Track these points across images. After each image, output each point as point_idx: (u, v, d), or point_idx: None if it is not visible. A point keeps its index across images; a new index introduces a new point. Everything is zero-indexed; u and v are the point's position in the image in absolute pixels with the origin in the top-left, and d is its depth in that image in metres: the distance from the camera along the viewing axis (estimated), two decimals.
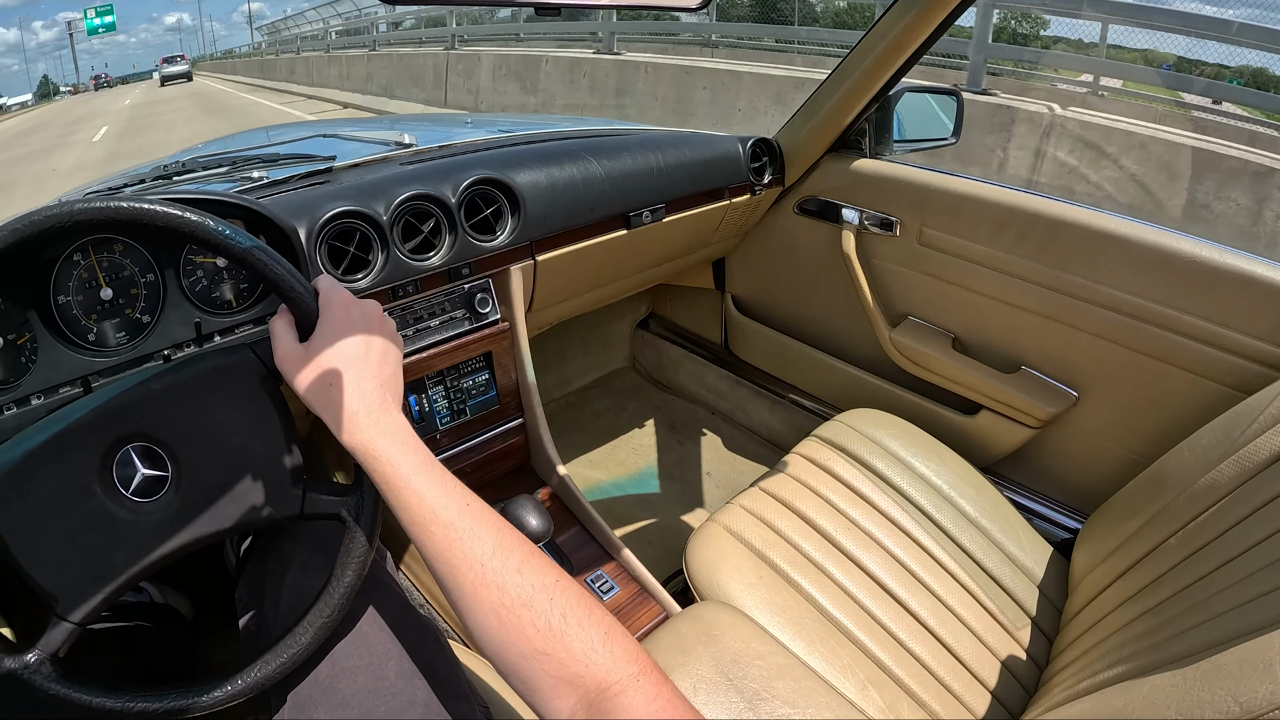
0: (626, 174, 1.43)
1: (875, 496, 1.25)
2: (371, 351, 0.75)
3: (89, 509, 0.74)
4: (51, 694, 0.73)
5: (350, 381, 0.72)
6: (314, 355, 0.74)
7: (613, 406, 2.13)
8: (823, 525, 1.21)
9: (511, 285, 1.30)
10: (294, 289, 0.76)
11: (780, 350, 1.86)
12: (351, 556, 0.80)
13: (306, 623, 0.79)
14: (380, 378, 0.74)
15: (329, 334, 0.74)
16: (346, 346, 0.74)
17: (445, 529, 0.64)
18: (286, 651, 0.78)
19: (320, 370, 0.73)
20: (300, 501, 0.79)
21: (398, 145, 1.42)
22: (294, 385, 0.75)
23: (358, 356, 0.74)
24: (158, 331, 1.01)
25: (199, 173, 1.32)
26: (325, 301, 0.77)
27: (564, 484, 1.39)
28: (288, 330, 0.76)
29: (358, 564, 0.80)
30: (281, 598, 0.89)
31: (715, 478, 1.88)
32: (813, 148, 1.67)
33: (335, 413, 0.71)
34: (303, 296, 0.76)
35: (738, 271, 1.91)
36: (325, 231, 1.10)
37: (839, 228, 1.65)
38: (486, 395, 1.35)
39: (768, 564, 1.16)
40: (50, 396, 0.96)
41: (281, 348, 0.76)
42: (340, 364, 0.73)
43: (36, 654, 0.73)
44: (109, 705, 0.74)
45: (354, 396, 0.71)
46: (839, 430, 1.37)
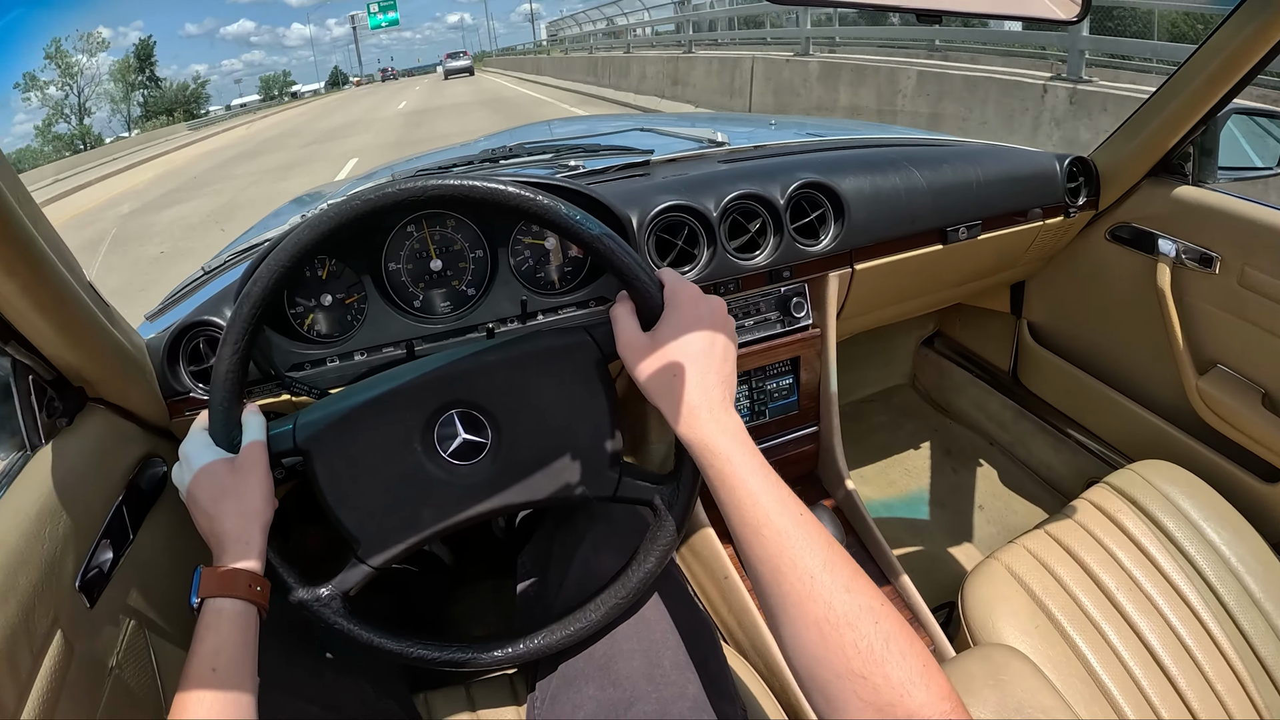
0: (947, 186, 1.36)
1: (1160, 558, 1.16)
2: (715, 347, 0.75)
3: (407, 464, 0.79)
4: (336, 629, 0.78)
5: (694, 375, 0.72)
6: (659, 345, 0.75)
7: (889, 423, 2.07)
8: (1104, 580, 1.14)
9: (828, 292, 1.28)
10: (640, 279, 0.77)
11: (1073, 385, 1.71)
12: (657, 544, 0.81)
13: (600, 600, 0.81)
14: (721, 374, 0.74)
15: (676, 326, 0.75)
16: (692, 340, 0.74)
17: (778, 535, 0.63)
18: (574, 624, 0.80)
19: (665, 361, 0.74)
20: (615, 484, 0.81)
21: (710, 143, 1.45)
22: (634, 372, 0.76)
23: (702, 351, 0.74)
24: (484, 305, 1.08)
25: (523, 158, 1.41)
26: (672, 294, 0.77)
27: (850, 498, 1.36)
28: (630, 318, 0.78)
29: (662, 552, 0.81)
30: (569, 572, 0.91)
31: (987, 512, 1.77)
32: (1132, 170, 1.51)
33: (675, 404, 0.72)
34: (648, 287, 0.77)
35: (1037, 297, 1.77)
36: (655, 223, 1.13)
37: (1153, 259, 1.48)
38: (788, 399, 1.34)
39: (1044, 612, 1.11)
40: (374, 355, 1.05)
41: (625, 334, 0.77)
42: (685, 357, 0.73)
43: (330, 589, 0.79)
44: (389, 647, 0.79)
45: (696, 391, 0.72)
46: (1132, 481, 1.26)
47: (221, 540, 0.74)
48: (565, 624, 0.81)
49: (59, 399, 0.91)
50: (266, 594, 0.74)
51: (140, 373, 0.99)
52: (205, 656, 0.67)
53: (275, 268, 0.76)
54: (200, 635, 0.69)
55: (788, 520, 0.63)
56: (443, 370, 0.82)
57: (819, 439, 1.38)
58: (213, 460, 0.77)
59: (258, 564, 0.74)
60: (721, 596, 1.28)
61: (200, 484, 0.76)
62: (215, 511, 0.75)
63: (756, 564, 0.64)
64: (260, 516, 0.76)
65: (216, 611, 0.70)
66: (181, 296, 1.23)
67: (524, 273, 1.09)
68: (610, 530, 0.94)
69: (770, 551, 0.62)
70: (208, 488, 0.75)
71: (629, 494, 0.82)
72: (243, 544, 0.74)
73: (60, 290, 0.77)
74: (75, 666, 0.78)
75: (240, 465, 0.77)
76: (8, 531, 0.76)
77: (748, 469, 0.67)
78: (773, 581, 0.62)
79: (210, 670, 0.66)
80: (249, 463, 0.77)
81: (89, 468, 0.91)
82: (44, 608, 0.75)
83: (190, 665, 0.67)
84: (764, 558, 0.63)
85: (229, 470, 0.76)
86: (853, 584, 0.59)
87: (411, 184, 0.76)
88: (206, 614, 0.70)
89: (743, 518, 0.65)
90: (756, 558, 0.64)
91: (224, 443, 0.78)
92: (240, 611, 0.71)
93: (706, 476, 0.70)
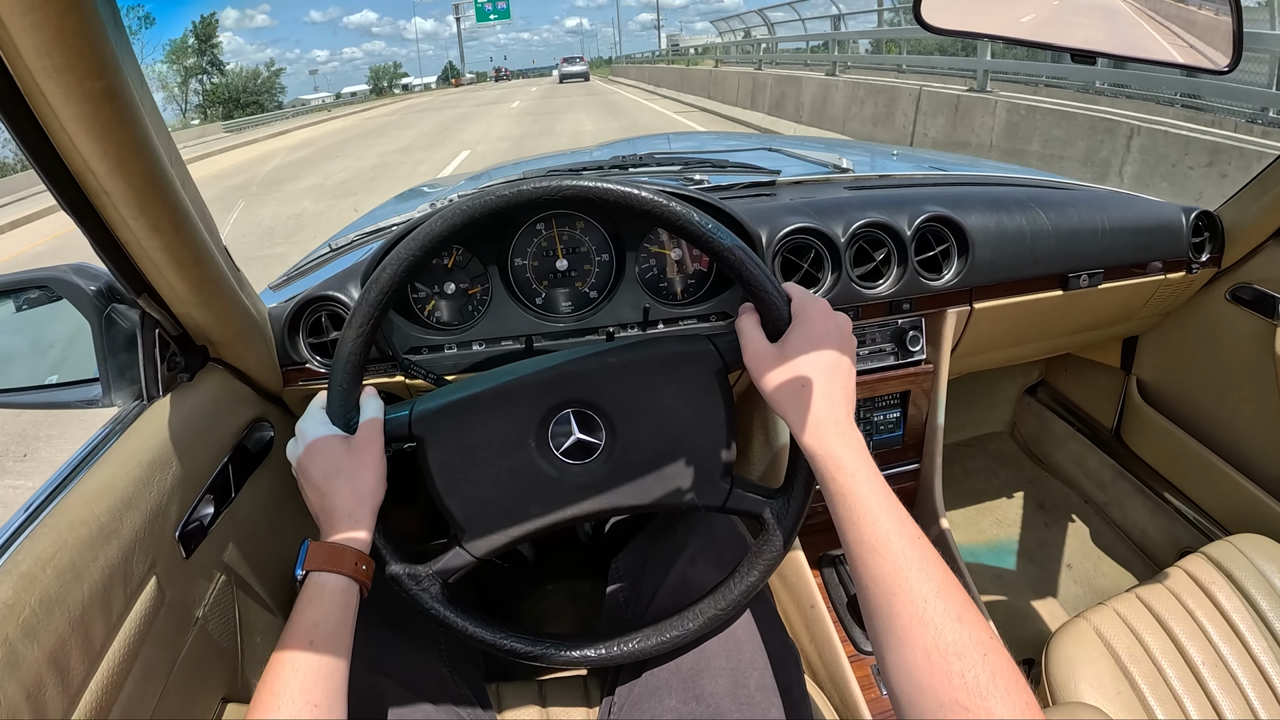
0: (1072, 231, 1.33)
1: (1251, 638, 1.12)
2: (842, 363, 0.75)
3: (520, 458, 0.79)
4: (433, 613, 0.78)
5: (821, 388, 0.72)
6: (788, 358, 0.74)
7: (984, 469, 2.03)
8: (1191, 653, 1.11)
9: (945, 328, 1.26)
10: (769, 291, 0.76)
11: (1178, 449, 1.65)
12: (762, 557, 0.79)
13: (699, 609, 0.79)
14: (846, 390, 0.74)
15: (805, 339, 0.75)
16: (821, 355, 0.74)
17: (894, 556, 0.63)
18: (670, 632, 0.79)
19: (794, 373, 0.74)
20: (726, 495, 0.80)
21: (836, 168, 1.43)
22: (760, 382, 0.76)
23: (830, 366, 0.74)
24: (605, 308, 1.08)
25: (651, 167, 1.41)
26: (801, 308, 0.77)
27: (944, 538, 1.32)
28: (757, 329, 0.78)
29: (766, 566, 0.79)
30: (664, 581, 0.90)
31: (1075, 572, 1.71)
32: (1259, 228, 1.45)
33: (802, 415, 0.72)
34: (776, 299, 0.76)
35: (1150, 353, 1.71)
36: (783, 244, 1.12)
37: (1273, 324, 1.42)
38: (893, 433, 1.32)
39: (1127, 679, 1.09)
40: (492, 346, 1.06)
41: (753, 345, 0.77)
42: (813, 370, 0.73)
43: (431, 575, 0.79)
44: (483, 636, 0.79)
45: (823, 404, 0.72)
46: (1229, 554, 1.22)
47: (332, 516, 0.75)
48: (661, 630, 0.80)
49: (181, 355, 0.93)
50: (370, 574, 0.75)
51: (261, 338, 1.01)
52: (304, 628, 0.68)
53: (406, 256, 0.76)
54: (301, 607, 0.70)
55: (905, 543, 0.63)
56: (562, 368, 0.82)
57: (919, 477, 1.35)
58: (329, 438, 0.78)
59: (365, 543, 0.75)
60: (805, 625, 1.26)
61: (315, 460, 0.77)
62: (327, 489, 0.76)
63: (870, 583, 0.63)
64: (372, 497, 0.77)
65: (320, 585, 0.71)
66: (307, 270, 1.25)
67: (648, 281, 1.09)
68: (710, 544, 0.93)
69: (885, 572, 0.62)
70: (322, 464, 0.76)
71: (739, 505, 0.81)
72: (352, 522, 0.75)
73: (199, 251, 0.79)
74: (164, 612, 0.80)
75: (356, 445, 0.78)
76: (118, 475, 0.78)
77: (870, 487, 0.67)
78: (885, 603, 0.62)
79: (308, 642, 0.67)
80: (364, 443, 0.78)
81: (203, 424, 0.93)
82: (143, 553, 0.77)
83: (288, 634, 0.67)
84: (878, 577, 0.63)
85: (344, 449, 0.77)
86: (964, 615, 0.59)
87: (547, 182, 0.77)
88: (310, 587, 0.71)
89: (860, 535, 0.65)
90: (871, 577, 0.63)
91: (340, 422, 0.79)
92: (344, 588, 0.71)
93: (826, 490, 0.69)
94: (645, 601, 0.92)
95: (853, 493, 0.67)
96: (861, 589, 0.65)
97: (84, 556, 0.70)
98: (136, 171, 0.66)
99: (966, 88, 7.88)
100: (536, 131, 16.34)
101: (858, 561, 0.65)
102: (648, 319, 1.09)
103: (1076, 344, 1.71)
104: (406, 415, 0.81)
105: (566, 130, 15.96)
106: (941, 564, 0.63)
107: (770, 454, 1.30)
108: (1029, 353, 1.66)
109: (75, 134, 0.60)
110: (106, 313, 0.87)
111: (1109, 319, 1.55)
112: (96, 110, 0.59)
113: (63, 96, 0.57)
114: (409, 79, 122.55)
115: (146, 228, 0.71)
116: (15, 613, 0.62)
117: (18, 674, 0.60)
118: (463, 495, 0.79)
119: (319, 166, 13.58)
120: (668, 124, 14.94)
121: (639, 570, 0.97)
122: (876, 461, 1.31)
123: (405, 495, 0.81)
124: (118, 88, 0.59)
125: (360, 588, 0.73)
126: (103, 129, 0.61)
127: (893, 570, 0.62)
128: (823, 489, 0.71)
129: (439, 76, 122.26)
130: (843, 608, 1.26)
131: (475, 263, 1.06)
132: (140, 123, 0.63)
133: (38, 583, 0.65)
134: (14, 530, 0.69)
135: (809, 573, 1.26)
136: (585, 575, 1.57)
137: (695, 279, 1.11)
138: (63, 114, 0.58)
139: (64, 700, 0.64)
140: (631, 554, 1.01)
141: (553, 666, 0.83)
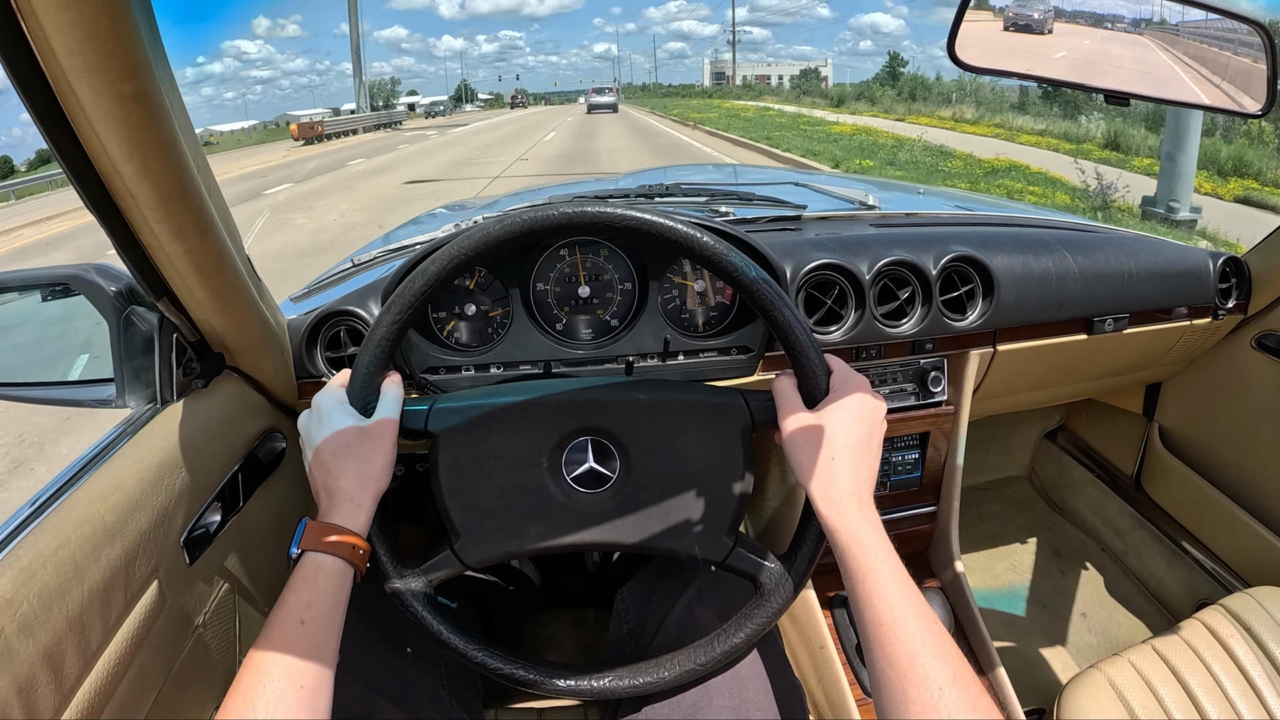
0: (1099, 275, 1.31)
1: (1267, 693, 1.09)
2: (872, 443, 0.75)
3: (529, 476, 0.78)
4: (410, 613, 0.77)
5: (849, 465, 0.73)
6: (821, 429, 0.75)
7: (1000, 514, 2.00)
8: (1206, 709, 1.08)
9: (967, 369, 1.24)
10: (811, 359, 0.76)
11: (1198, 498, 1.61)
12: (752, 620, 0.78)
13: (677, 660, 0.79)
14: (872, 470, 0.75)
15: (841, 414, 0.75)
16: (854, 433, 0.74)
17: (910, 641, 0.63)
18: (643, 675, 0.78)
19: (824, 445, 0.74)
20: (727, 551, 0.79)
21: (862, 205, 1.43)
22: (789, 448, 0.76)
23: (861, 444, 0.74)
24: (626, 337, 1.07)
25: (678, 197, 1.41)
26: (843, 381, 0.77)
27: (958, 582, 1.30)
28: (795, 394, 0.78)
29: (753, 630, 0.78)
30: (669, 617, 0.89)
31: (1090, 621, 1.68)
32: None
33: (826, 489, 0.72)
34: (817, 369, 0.76)
35: (1173, 400, 1.69)
36: (807, 279, 1.11)
37: None
38: (910, 475, 1.30)
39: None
40: (510, 370, 1.05)
41: (790, 408, 0.77)
42: (844, 446, 0.74)
43: (415, 574, 0.78)
44: (456, 644, 0.78)
45: (849, 480, 0.72)
46: (1247, 606, 1.19)
47: (334, 496, 0.74)
48: (635, 672, 0.79)
49: (197, 360, 0.93)
50: (366, 558, 0.74)
51: (279, 349, 1.01)
52: (296, 608, 0.67)
53: (451, 256, 0.76)
54: (295, 586, 0.69)
55: (921, 628, 0.64)
56: (588, 394, 0.82)
57: (935, 520, 1.33)
58: (343, 417, 0.77)
59: (364, 527, 0.74)
60: (814, 666, 1.23)
61: (326, 437, 0.76)
62: (335, 468, 0.75)
63: (885, 667, 0.63)
64: (377, 483, 0.76)
65: (315, 565, 0.70)
66: (328, 284, 1.25)
67: (669, 311, 1.09)
68: (717, 584, 0.92)
69: (900, 656, 0.63)
70: (333, 442, 0.76)
71: (737, 564, 0.80)
72: (354, 505, 0.74)
73: (221, 258, 0.79)
74: (164, 617, 0.80)
75: (370, 430, 0.77)
76: (126, 477, 0.78)
77: (889, 569, 0.67)
78: (898, 688, 0.61)
79: (299, 623, 0.66)
80: (379, 429, 0.77)
81: (215, 431, 0.93)
82: (147, 556, 0.77)
83: (278, 614, 0.66)
84: (893, 662, 0.63)
85: (357, 432, 0.77)
86: (978, 704, 0.59)
87: (573, 208, 0.77)
88: (304, 566, 0.70)
89: (876, 617, 0.65)
90: (886, 660, 0.63)
91: (359, 404, 0.79)
92: (339, 570, 0.71)
93: (845, 567, 0.70)
94: (649, 636, 0.91)
95: (872, 573, 0.67)
96: (875, 671, 0.65)
97: (86, 555, 0.69)
98: (163, 175, 0.66)
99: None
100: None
101: (872, 643, 0.65)
102: (667, 350, 1.09)
103: (1099, 389, 1.69)
104: (425, 410, 0.81)
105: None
106: (957, 652, 0.63)
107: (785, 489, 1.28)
108: (1050, 397, 1.64)
109: (104, 135, 0.60)
110: (125, 314, 0.88)
111: (1133, 364, 1.53)
112: (126, 112, 0.59)
113: (93, 96, 0.57)
114: (418, 98, 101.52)
115: (170, 232, 0.71)
116: (13, 607, 0.61)
117: (11, 669, 0.59)
118: (465, 501, 0.79)
119: None
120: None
121: (644, 603, 0.96)
122: (893, 503, 1.32)
123: (414, 515, 0.80)
124: (149, 90, 0.60)
125: (355, 571, 0.72)
126: (132, 131, 0.61)
127: (909, 656, 0.62)
128: (841, 566, 0.70)
129: (451, 97, 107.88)
130: (852, 649, 1.23)
131: (497, 285, 1.07)
132: (169, 127, 0.64)
133: (38, 578, 0.64)
134: (17, 525, 0.69)
135: (819, 613, 1.24)
136: (590, 603, 1.56)
137: (717, 311, 1.11)
138: (92, 114, 0.58)
139: (56, 699, 0.64)
140: (637, 586, 1.00)
141: (545, 693, 0.81)
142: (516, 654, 0.80)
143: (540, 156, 17.82)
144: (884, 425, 0.78)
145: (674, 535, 0.79)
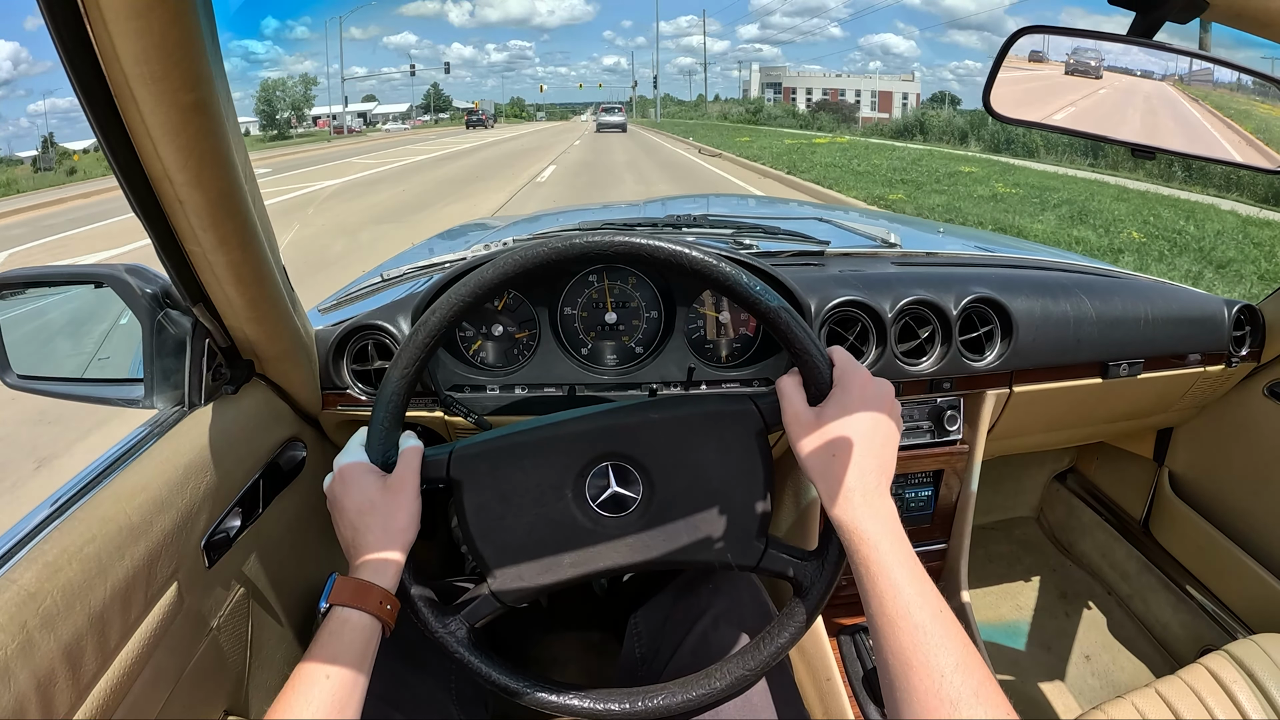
0: (1116, 320, 1.32)
1: None
2: (878, 432, 0.74)
3: (556, 508, 0.79)
4: (458, 657, 0.77)
5: (852, 458, 0.72)
6: (824, 423, 0.74)
7: (1008, 555, 1.99)
8: None
9: (983, 409, 1.25)
10: (812, 354, 0.76)
11: (1206, 544, 1.61)
12: (793, 620, 0.78)
13: (726, 669, 0.78)
14: (880, 459, 0.73)
15: (842, 405, 0.74)
16: (857, 422, 0.73)
17: (913, 630, 0.62)
18: (696, 689, 0.78)
19: (826, 439, 0.73)
20: (760, 554, 0.79)
21: (884, 243, 1.44)
22: (797, 447, 0.75)
23: (865, 434, 0.73)
24: (650, 365, 1.08)
25: (705, 229, 1.43)
26: (842, 373, 0.76)
27: (963, 614, 1.30)
28: (799, 392, 0.77)
29: (796, 629, 0.78)
30: (684, 641, 0.89)
31: (1093, 664, 1.67)
32: None
33: (831, 485, 0.72)
34: (819, 362, 0.76)
35: (1184, 446, 1.69)
36: (830, 315, 1.12)
37: None
38: (923, 512, 1.30)
39: None
40: (534, 392, 1.06)
41: (792, 408, 0.77)
42: (846, 438, 0.73)
43: (458, 620, 0.78)
44: (510, 685, 0.78)
45: (853, 473, 0.71)
46: (1251, 653, 1.18)
47: (362, 553, 0.75)
48: (687, 687, 0.78)
49: (227, 366, 0.94)
50: (395, 613, 0.74)
51: (307, 359, 1.02)
52: (322, 662, 0.67)
53: (456, 301, 0.77)
54: (322, 640, 0.69)
55: (927, 615, 0.63)
56: (602, 420, 0.82)
57: (945, 557, 1.33)
58: (365, 475, 0.78)
59: (392, 582, 0.74)
60: (819, 699, 1.23)
61: (350, 496, 0.77)
62: (360, 524, 0.76)
63: (889, 655, 0.63)
64: (403, 536, 0.77)
65: (343, 620, 0.70)
66: (357, 296, 1.26)
67: (694, 341, 1.10)
68: (734, 607, 0.92)
69: (904, 645, 0.62)
70: (357, 500, 0.76)
71: (772, 566, 0.80)
72: (381, 560, 0.74)
73: (261, 269, 0.80)
74: (181, 618, 0.80)
75: (392, 484, 0.78)
76: (152, 478, 0.79)
77: (894, 558, 0.67)
78: (902, 675, 0.61)
79: (324, 677, 0.66)
80: (400, 483, 0.78)
81: (241, 437, 0.94)
82: (168, 557, 0.77)
83: (305, 666, 0.67)
84: (896, 650, 0.62)
85: (380, 487, 0.77)
86: (982, 689, 0.58)
87: (600, 237, 0.78)
88: (332, 621, 0.70)
89: (881, 607, 0.65)
90: (889, 649, 0.63)
91: (379, 460, 0.79)
92: (366, 625, 0.71)
93: (851, 560, 0.69)
94: (664, 659, 0.90)
95: (875, 563, 0.66)
96: (880, 660, 0.64)
97: (111, 553, 0.70)
98: (213, 186, 0.67)
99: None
100: None
101: (878, 633, 0.65)
102: (691, 379, 1.09)
103: (1111, 433, 1.69)
104: (445, 457, 0.81)
105: None
106: (964, 638, 0.62)
107: (797, 511, 1.28)
108: (1062, 439, 1.64)
109: (160, 142, 0.61)
110: (159, 317, 0.88)
111: (1146, 409, 1.53)
112: (185, 122, 0.60)
113: (153, 104, 0.58)
114: (376, 106, 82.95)
115: (214, 241, 0.72)
116: (36, 601, 0.61)
117: (31, 663, 0.59)
118: (497, 542, 0.79)
119: None
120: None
121: (659, 628, 0.96)
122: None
123: (426, 530, 0.80)
124: (208, 101, 0.61)
125: (384, 627, 0.73)
126: (188, 140, 0.62)
127: (912, 643, 0.61)
128: (849, 561, 0.70)
129: (418, 105, 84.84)
130: (859, 682, 1.23)
131: (525, 308, 1.08)
132: (224, 138, 0.65)
133: (62, 574, 0.65)
134: (41, 521, 0.69)
135: (828, 644, 1.24)
136: (597, 626, 1.55)
137: (741, 343, 1.12)
138: (150, 121, 0.59)
139: (72, 695, 0.64)
140: (652, 611, 1.00)
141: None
142: (524, 676, 0.80)
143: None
144: (894, 406, 0.77)
145: (705, 547, 0.79)
